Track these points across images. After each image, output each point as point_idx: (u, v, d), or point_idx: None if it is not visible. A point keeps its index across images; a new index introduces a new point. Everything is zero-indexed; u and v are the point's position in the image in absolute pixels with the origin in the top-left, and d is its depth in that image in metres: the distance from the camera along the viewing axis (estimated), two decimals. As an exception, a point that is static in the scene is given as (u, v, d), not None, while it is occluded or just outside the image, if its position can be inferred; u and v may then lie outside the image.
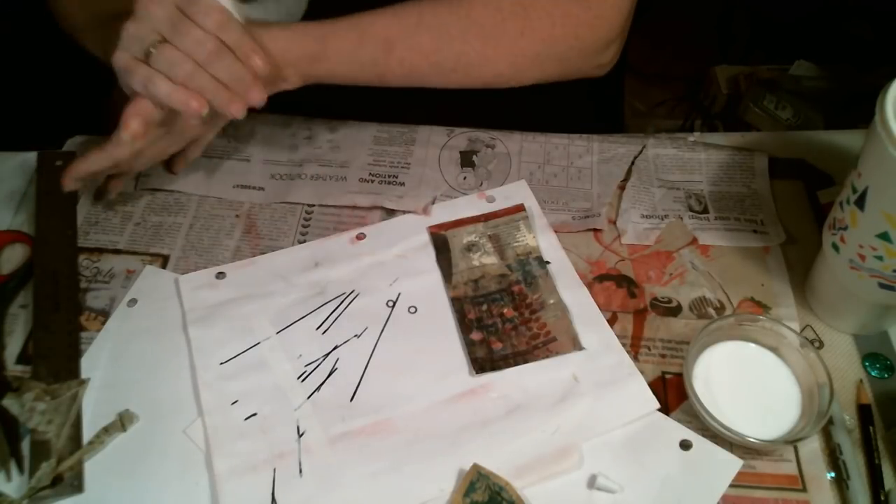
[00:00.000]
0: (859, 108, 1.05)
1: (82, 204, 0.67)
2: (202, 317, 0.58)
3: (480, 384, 0.54)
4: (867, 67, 1.22)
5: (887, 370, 0.55)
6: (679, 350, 0.56)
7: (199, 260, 0.63)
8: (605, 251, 0.62)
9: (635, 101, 1.60)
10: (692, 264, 0.61)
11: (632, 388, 0.54)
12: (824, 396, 0.50)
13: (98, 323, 0.58)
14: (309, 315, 0.58)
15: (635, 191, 0.66)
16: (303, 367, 0.56)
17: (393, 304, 0.59)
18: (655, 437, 0.52)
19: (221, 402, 0.54)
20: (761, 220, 0.64)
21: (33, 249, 0.62)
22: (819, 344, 0.57)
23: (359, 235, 0.63)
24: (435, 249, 0.62)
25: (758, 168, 0.67)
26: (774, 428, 0.51)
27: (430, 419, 0.53)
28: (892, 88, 0.46)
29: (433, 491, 0.49)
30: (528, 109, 0.72)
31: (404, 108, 0.73)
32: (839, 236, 0.52)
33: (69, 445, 0.52)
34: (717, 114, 1.40)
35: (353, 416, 0.53)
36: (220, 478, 0.50)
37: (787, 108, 1.25)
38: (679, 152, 0.69)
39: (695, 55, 1.49)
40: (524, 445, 0.51)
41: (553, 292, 0.59)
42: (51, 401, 0.53)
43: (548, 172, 0.68)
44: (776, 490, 0.50)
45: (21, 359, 0.57)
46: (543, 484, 0.50)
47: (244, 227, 0.65)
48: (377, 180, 0.67)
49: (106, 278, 0.61)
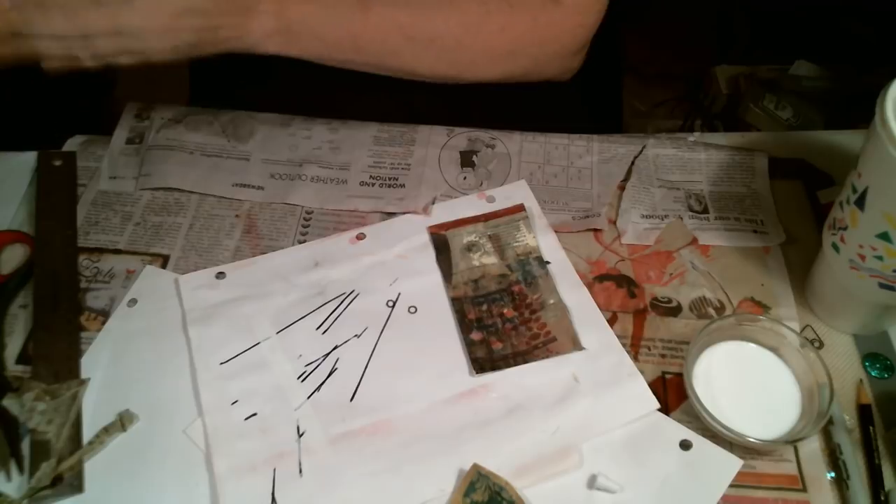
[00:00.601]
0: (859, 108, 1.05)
1: (82, 204, 0.67)
2: (202, 317, 0.58)
3: (480, 384, 0.54)
4: (867, 67, 1.21)
5: (887, 370, 0.55)
6: (679, 350, 0.56)
7: (199, 260, 0.63)
8: (605, 251, 0.62)
9: (635, 101, 1.60)
10: (692, 264, 0.61)
11: (632, 388, 0.54)
12: (824, 396, 0.50)
13: (98, 323, 0.58)
14: (309, 315, 0.58)
15: (635, 191, 0.66)
16: (303, 367, 0.56)
17: (393, 304, 0.59)
18: (655, 437, 0.52)
19: (221, 402, 0.54)
20: (761, 220, 0.64)
21: (33, 249, 0.62)
22: (819, 344, 0.57)
23: (359, 235, 0.63)
24: (435, 249, 0.62)
25: (758, 168, 0.67)
26: (774, 428, 0.51)
27: (431, 419, 0.53)
28: (892, 88, 0.46)
29: (433, 491, 0.49)
30: (528, 109, 0.72)
31: (404, 107, 0.73)
32: (839, 236, 0.52)
33: (69, 445, 0.52)
34: (717, 114, 1.40)
35: (353, 416, 0.53)
36: (220, 478, 0.50)
37: (787, 108, 1.25)
38: (679, 152, 0.69)
39: (695, 55, 1.49)
40: (524, 445, 0.51)
41: (553, 292, 0.59)
42: (51, 401, 0.53)
43: (548, 172, 0.68)
44: (776, 490, 0.50)
45: (21, 359, 0.57)
46: (543, 484, 0.50)
47: (244, 226, 0.65)
48: (377, 183, 0.67)
49: (106, 278, 0.61)
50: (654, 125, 1.57)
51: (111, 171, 0.69)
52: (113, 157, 0.70)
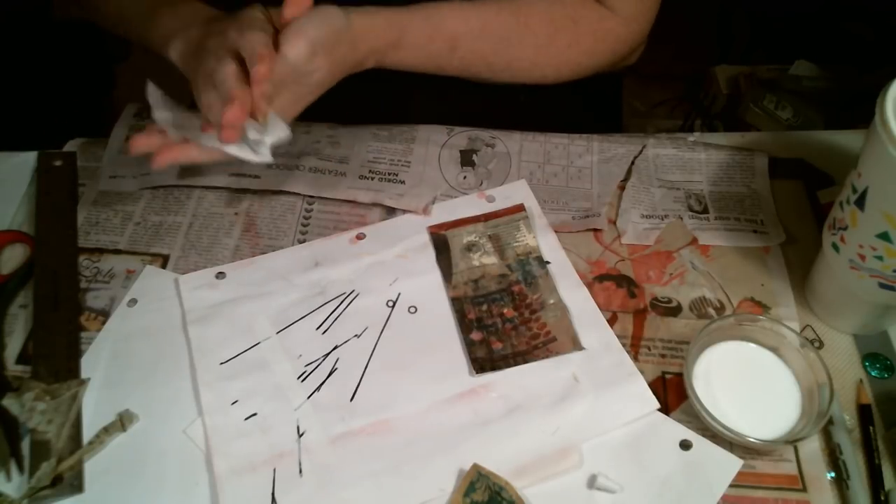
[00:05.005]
0: (859, 108, 1.05)
1: (82, 204, 0.67)
2: (202, 317, 0.58)
3: (480, 384, 0.54)
4: (867, 67, 1.22)
5: (887, 370, 0.55)
6: (679, 350, 0.56)
7: (199, 259, 0.63)
8: (605, 251, 0.62)
9: (635, 101, 1.60)
10: (692, 264, 0.61)
11: (632, 388, 0.54)
12: (824, 396, 0.50)
13: (98, 323, 0.58)
14: (309, 315, 0.58)
15: (635, 191, 0.66)
16: (303, 367, 0.56)
17: (393, 304, 0.59)
18: (655, 437, 0.52)
19: (221, 402, 0.54)
20: (761, 220, 0.64)
21: (33, 249, 0.62)
22: (819, 344, 0.57)
23: (359, 235, 0.63)
24: (435, 249, 0.62)
25: (758, 168, 0.67)
26: (774, 428, 0.51)
27: (430, 419, 0.53)
28: (892, 88, 0.46)
29: (433, 491, 0.49)
30: (528, 109, 0.72)
31: (404, 107, 0.73)
32: (839, 236, 0.52)
33: (69, 445, 0.52)
34: (717, 114, 1.40)
35: (353, 416, 0.53)
36: (220, 478, 0.50)
37: (787, 108, 1.25)
38: (679, 152, 0.69)
39: (695, 55, 1.49)
40: (524, 445, 0.51)
41: (553, 292, 0.59)
42: (51, 401, 0.53)
43: (548, 172, 0.68)
44: (776, 490, 0.50)
45: (21, 359, 0.57)
46: (543, 484, 0.50)
47: (243, 225, 0.65)
48: (377, 177, 0.67)
49: (106, 278, 0.61)
50: (654, 125, 1.57)
51: (111, 170, 0.69)
52: (113, 156, 0.70)
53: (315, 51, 0.54)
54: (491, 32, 0.64)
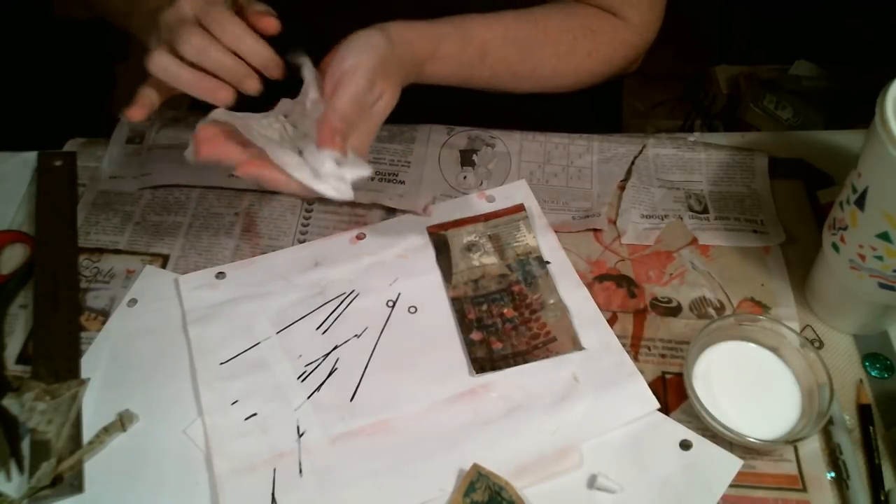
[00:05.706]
0: (859, 108, 1.05)
1: (82, 204, 0.67)
2: (202, 317, 0.58)
3: (480, 384, 0.54)
4: (867, 67, 1.22)
5: (887, 370, 0.55)
6: (679, 350, 0.56)
7: (199, 259, 0.63)
8: (605, 251, 0.62)
9: (635, 101, 1.60)
10: (692, 264, 0.61)
11: (632, 388, 0.54)
12: (824, 396, 0.50)
13: (98, 323, 0.58)
14: (309, 315, 0.58)
15: (635, 191, 0.66)
16: (303, 367, 0.56)
17: (393, 304, 0.59)
18: (655, 437, 0.52)
19: (221, 402, 0.54)
20: (761, 220, 0.64)
21: (33, 249, 0.62)
22: (819, 344, 0.57)
23: (359, 235, 0.63)
24: (435, 249, 0.62)
25: (758, 168, 0.67)
26: (774, 428, 0.51)
27: (431, 419, 0.53)
28: (892, 88, 0.46)
29: (433, 491, 0.49)
30: (528, 109, 0.72)
31: (404, 107, 0.73)
32: (839, 236, 0.52)
33: (69, 445, 0.52)
34: (717, 114, 1.40)
35: (353, 416, 0.53)
36: (220, 478, 0.50)
37: (787, 108, 1.25)
38: (679, 152, 0.69)
39: (695, 55, 1.49)
40: (524, 445, 0.51)
41: (553, 292, 0.59)
42: (51, 401, 0.53)
43: (548, 172, 0.68)
44: (776, 490, 0.50)
45: (21, 359, 0.57)
46: (543, 484, 0.50)
47: (243, 225, 0.65)
48: (377, 178, 0.67)
49: (106, 278, 0.61)
50: (654, 125, 1.57)
51: (111, 170, 0.69)
52: (113, 156, 0.70)
53: (373, 79, 0.53)
54: (514, 38, 0.65)
